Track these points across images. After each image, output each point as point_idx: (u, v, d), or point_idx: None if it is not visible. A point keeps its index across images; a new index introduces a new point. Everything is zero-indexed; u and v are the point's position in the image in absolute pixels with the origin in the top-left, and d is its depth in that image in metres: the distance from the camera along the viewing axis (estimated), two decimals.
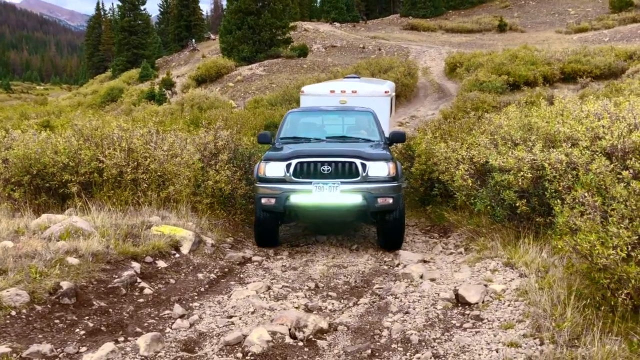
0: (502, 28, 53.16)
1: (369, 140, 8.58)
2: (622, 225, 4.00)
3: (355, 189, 7.18)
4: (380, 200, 7.20)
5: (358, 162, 7.27)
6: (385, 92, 12.13)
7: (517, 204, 5.95)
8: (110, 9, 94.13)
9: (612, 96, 11.52)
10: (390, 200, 7.25)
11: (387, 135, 9.08)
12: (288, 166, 7.35)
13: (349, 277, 6.46)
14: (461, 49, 41.80)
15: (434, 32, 56.97)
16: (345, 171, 7.25)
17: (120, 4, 65.88)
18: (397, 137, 8.80)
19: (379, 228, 7.87)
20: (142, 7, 66.35)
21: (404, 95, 28.35)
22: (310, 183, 7.20)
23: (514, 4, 65.15)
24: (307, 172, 7.29)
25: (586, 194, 4.45)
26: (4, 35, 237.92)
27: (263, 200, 7.45)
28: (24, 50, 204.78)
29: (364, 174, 7.23)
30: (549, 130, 6.46)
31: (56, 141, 8.19)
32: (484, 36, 52.48)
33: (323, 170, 7.25)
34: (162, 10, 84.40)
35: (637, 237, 3.89)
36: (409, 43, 48.54)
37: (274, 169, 7.45)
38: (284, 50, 41.54)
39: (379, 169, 7.32)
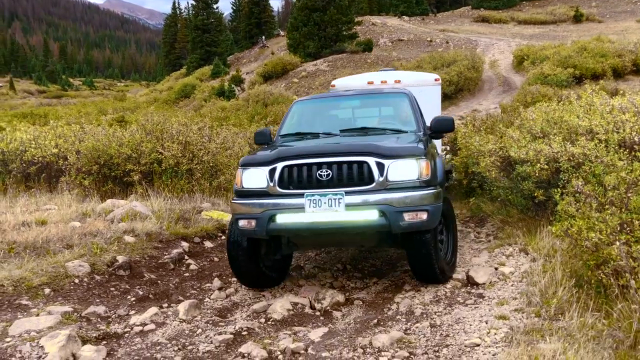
0: (578, 19, 51.58)
1: (399, 131, 6.31)
2: (608, 211, 4.33)
3: (367, 201, 4.98)
4: (407, 216, 4.94)
5: (372, 161, 5.06)
6: (436, 79, 11.28)
7: (536, 194, 6.26)
8: (185, 8, 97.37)
9: None
10: (425, 216, 4.97)
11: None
12: (272, 172, 5.23)
13: (376, 260, 6.98)
14: (532, 41, 40.91)
15: (505, 24, 55.92)
16: (353, 176, 5.07)
17: (194, 3, 68.31)
18: (441, 125, 6.39)
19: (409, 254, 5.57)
20: (214, 6, 68.54)
21: (467, 88, 28.37)
22: (302, 195, 5.09)
23: None
24: (298, 179, 5.17)
25: (580, 183, 4.77)
26: (88, 35, 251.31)
27: (241, 223, 5.30)
28: (106, 49, 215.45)
29: (381, 179, 5.02)
30: (571, 124, 6.71)
31: (121, 135, 9.13)
32: (558, 27, 51.02)
33: (320, 175, 5.09)
34: (234, 8, 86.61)
35: (620, 222, 4.21)
36: (479, 36, 47.94)
37: (254, 178, 5.34)
38: (348, 46, 42.05)
39: (405, 170, 5.09)
